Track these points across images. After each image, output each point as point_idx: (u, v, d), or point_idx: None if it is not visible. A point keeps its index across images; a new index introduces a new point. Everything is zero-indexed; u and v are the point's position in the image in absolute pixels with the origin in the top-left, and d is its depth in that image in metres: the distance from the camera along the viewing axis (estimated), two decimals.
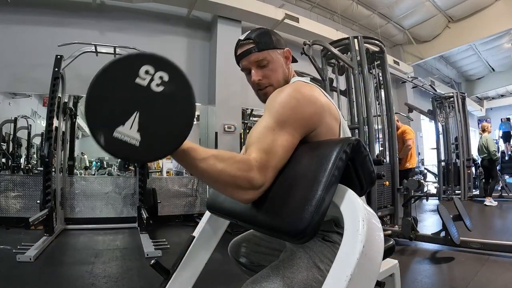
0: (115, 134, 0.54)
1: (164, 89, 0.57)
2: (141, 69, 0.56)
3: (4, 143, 4.47)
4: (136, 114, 0.56)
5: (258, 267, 1.01)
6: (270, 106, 0.81)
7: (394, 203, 3.18)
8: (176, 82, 0.59)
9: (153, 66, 0.57)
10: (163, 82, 0.57)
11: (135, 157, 0.57)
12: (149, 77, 0.57)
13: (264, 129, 0.76)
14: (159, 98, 0.57)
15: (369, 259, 0.58)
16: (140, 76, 0.56)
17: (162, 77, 0.57)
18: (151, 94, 0.57)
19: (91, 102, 0.55)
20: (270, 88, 0.91)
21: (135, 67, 0.57)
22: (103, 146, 0.54)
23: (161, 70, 0.57)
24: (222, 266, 1.76)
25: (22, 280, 2.07)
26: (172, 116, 0.58)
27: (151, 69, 0.57)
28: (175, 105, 0.59)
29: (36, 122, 4.78)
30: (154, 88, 0.57)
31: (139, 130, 0.55)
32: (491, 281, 2.03)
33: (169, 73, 0.58)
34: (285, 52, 0.96)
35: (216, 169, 0.66)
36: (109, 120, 0.55)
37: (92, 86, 0.56)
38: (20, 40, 4.06)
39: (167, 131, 0.58)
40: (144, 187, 3.62)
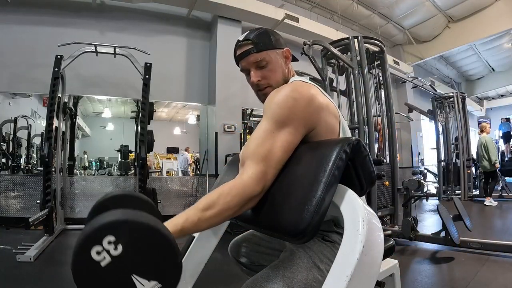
0: None
1: (123, 248, 0.50)
2: (92, 253, 0.49)
3: (4, 143, 4.46)
4: (134, 277, 0.51)
5: (258, 267, 1.01)
6: (268, 108, 0.81)
7: (394, 203, 3.18)
8: (123, 237, 0.50)
9: (94, 243, 0.49)
10: (113, 242, 0.50)
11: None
12: (104, 252, 0.49)
13: (263, 134, 0.77)
14: (129, 256, 0.51)
15: (369, 259, 0.58)
16: (97, 259, 0.49)
17: (109, 241, 0.50)
18: (122, 259, 0.50)
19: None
20: (270, 88, 0.91)
21: (86, 256, 0.49)
22: None
23: (104, 237, 0.49)
24: (222, 266, 1.76)
25: (22, 280, 2.07)
26: (154, 257, 0.53)
27: (98, 248, 0.49)
28: (146, 251, 0.52)
29: (36, 122, 4.78)
30: (115, 253, 0.50)
31: (150, 279, 0.52)
32: (491, 281, 2.03)
33: (114, 235, 0.50)
34: (285, 52, 0.95)
35: (216, 215, 0.68)
36: None
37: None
38: (20, 40, 4.06)
39: (165, 265, 0.55)
40: (144, 187, 3.62)
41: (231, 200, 0.69)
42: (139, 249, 0.51)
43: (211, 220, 0.68)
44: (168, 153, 7.20)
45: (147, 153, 3.79)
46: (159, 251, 0.53)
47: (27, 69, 4.01)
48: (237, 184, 0.71)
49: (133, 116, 5.62)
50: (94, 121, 7.00)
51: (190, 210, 0.69)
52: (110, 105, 6.51)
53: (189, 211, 0.69)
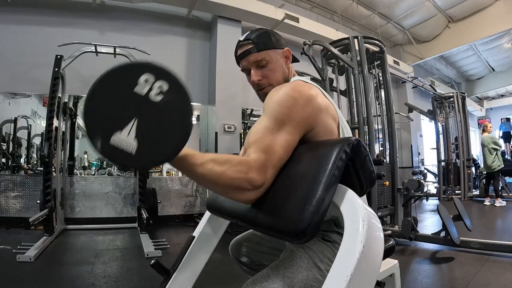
0: (112, 141, 0.55)
1: (162, 99, 0.58)
2: (141, 78, 0.57)
3: (4, 143, 4.47)
4: (134, 122, 0.56)
5: (259, 266, 1.02)
6: (267, 105, 0.81)
7: (394, 203, 3.18)
8: (175, 92, 0.59)
9: (153, 75, 0.58)
10: (162, 92, 0.58)
11: (131, 163, 0.57)
12: (148, 86, 0.57)
13: (262, 129, 0.76)
14: (157, 107, 0.58)
15: (369, 259, 0.58)
16: (139, 85, 0.57)
17: (161, 87, 0.58)
18: (149, 103, 0.57)
19: (89, 108, 0.56)
20: (270, 88, 0.91)
21: (134, 75, 0.57)
22: (99, 151, 0.55)
23: (161, 79, 0.58)
24: (222, 266, 1.76)
25: (22, 280, 2.07)
26: (170, 126, 0.58)
27: (151, 78, 0.57)
28: (173, 114, 0.59)
29: (36, 122, 4.78)
30: (153, 97, 0.57)
31: (136, 137, 0.56)
32: (491, 281, 2.03)
33: (169, 83, 0.59)
34: (285, 52, 0.96)
35: (215, 172, 0.66)
36: (106, 126, 0.55)
37: (91, 92, 0.56)
38: (20, 40, 4.05)
39: (164, 140, 0.58)
40: (144, 187, 3.62)
41: (234, 172, 0.67)
42: (172, 109, 0.59)
43: (207, 174, 0.66)
44: None
45: None
46: (184, 115, 0.60)
47: (27, 69, 4.01)
48: (244, 162, 0.69)
49: None
50: None
51: (201, 153, 0.68)
52: None
53: (199, 153, 0.68)
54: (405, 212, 2.86)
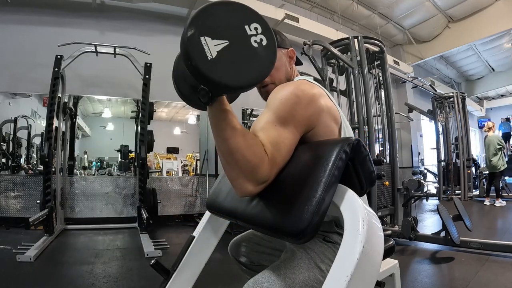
0: (201, 38, 0.60)
1: (257, 48, 0.65)
2: (253, 24, 0.65)
3: (4, 143, 4.47)
4: (226, 43, 0.62)
5: (258, 267, 1.02)
6: (271, 102, 0.81)
7: (394, 203, 3.18)
8: (267, 49, 0.66)
9: (262, 29, 0.66)
10: (260, 43, 0.65)
11: (202, 65, 0.60)
12: (254, 32, 0.65)
13: (266, 124, 0.75)
14: (249, 48, 0.64)
15: (369, 259, 0.58)
16: (249, 26, 0.65)
17: (262, 40, 0.65)
18: (246, 42, 0.64)
19: (207, 9, 0.62)
20: (272, 86, 0.91)
21: (251, 18, 0.66)
22: (186, 37, 0.59)
23: (265, 35, 0.66)
24: (222, 266, 1.76)
25: (22, 280, 2.07)
26: (247, 66, 0.64)
27: (259, 29, 0.65)
28: (256, 62, 0.65)
29: (36, 122, 4.78)
30: (252, 41, 0.64)
31: (219, 52, 0.61)
32: (491, 281, 2.03)
33: (268, 41, 0.66)
34: (289, 52, 0.96)
35: (238, 142, 0.67)
36: (207, 27, 0.61)
37: (214, 3, 0.63)
38: (20, 40, 4.06)
39: (237, 71, 0.63)
40: (144, 187, 3.62)
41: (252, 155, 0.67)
42: (263, 53, 0.65)
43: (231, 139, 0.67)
44: (168, 153, 7.21)
45: (147, 153, 3.79)
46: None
47: (27, 69, 4.01)
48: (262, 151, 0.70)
49: (133, 116, 5.63)
50: (94, 121, 7.01)
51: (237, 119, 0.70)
52: (110, 105, 6.51)
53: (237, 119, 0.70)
54: (405, 212, 2.86)
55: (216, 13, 0.63)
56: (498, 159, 5.17)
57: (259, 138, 0.72)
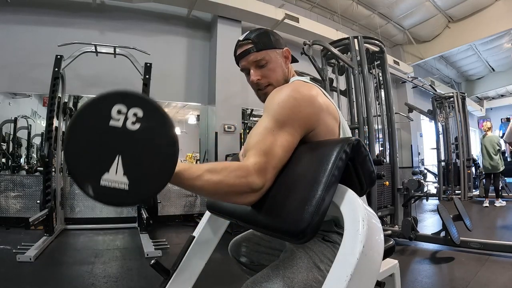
0: (102, 183, 0.52)
1: (141, 126, 0.55)
2: (113, 110, 0.54)
3: (4, 143, 4.46)
4: (119, 158, 0.53)
5: (258, 267, 1.02)
6: (268, 106, 0.81)
7: (394, 203, 3.18)
8: (152, 115, 0.56)
9: (123, 104, 0.55)
10: (138, 119, 0.55)
11: (128, 201, 0.54)
12: (122, 117, 0.54)
13: (263, 131, 0.76)
14: (138, 136, 0.55)
15: (369, 259, 0.58)
16: (113, 118, 0.54)
17: (136, 114, 0.55)
18: (129, 134, 0.55)
19: (70, 155, 0.53)
20: (270, 87, 0.92)
21: (105, 109, 0.54)
22: (93, 197, 0.52)
23: (134, 106, 0.55)
24: (222, 266, 1.76)
25: (22, 280, 2.07)
26: (156, 150, 0.56)
27: (123, 108, 0.55)
28: (156, 139, 0.57)
29: (36, 122, 4.78)
30: (130, 127, 0.55)
31: (125, 173, 0.53)
32: (491, 281, 2.03)
33: (143, 108, 0.56)
34: (284, 52, 0.96)
35: (213, 182, 0.66)
36: (92, 169, 0.53)
37: (68, 138, 0.54)
38: (20, 40, 4.05)
39: (155, 166, 0.56)
40: None
41: (233, 178, 0.67)
42: (151, 136, 0.56)
43: (205, 185, 0.66)
44: None
45: None
46: (167, 146, 0.58)
47: (27, 69, 4.00)
48: (242, 167, 0.69)
49: None
50: None
51: (196, 165, 0.68)
52: None
53: (194, 165, 0.67)
54: (405, 212, 2.86)
55: (80, 143, 0.54)
56: (498, 159, 5.18)
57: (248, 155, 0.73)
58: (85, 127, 0.54)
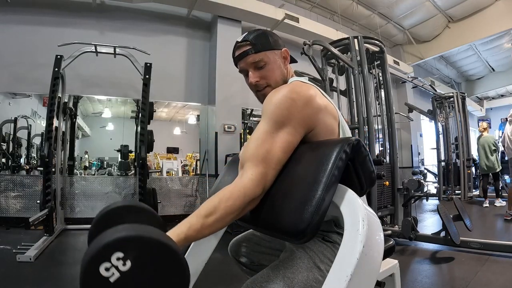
0: None
1: (131, 267, 0.49)
2: (112, 261, 0.49)
3: (4, 143, 4.47)
4: None
5: (258, 267, 1.02)
6: (266, 108, 0.81)
7: (394, 203, 3.18)
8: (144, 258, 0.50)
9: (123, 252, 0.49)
10: (125, 264, 0.49)
11: None
12: (110, 273, 0.49)
13: (262, 135, 0.77)
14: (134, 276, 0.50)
15: (369, 259, 0.58)
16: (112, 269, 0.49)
17: (122, 262, 0.49)
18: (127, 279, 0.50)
19: None
20: (268, 88, 0.91)
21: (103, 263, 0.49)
22: None
23: (121, 252, 0.49)
24: (222, 266, 1.76)
25: (22, 280, 2.07)
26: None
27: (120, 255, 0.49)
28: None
29: (36, 122, 4.78)
30: (122, 269, 0.49)
31: None
32: (491, 281, 2.03)
33: (131, 257, 0.50)
34: (283, 52, 0.96)
35: (217, 219, 0.68)
36: None
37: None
38: (20, 40, 4.05)
39: None
40: (144, 187, 3.62)
41: (233, 204, 0.69)
42: (148, 264, 0.50)
43: (214, 226, 0.68)
44: (168, 153, 7.20)
45: (147, 153, 3.79)
46: (168, 266, 0.52)
47: (27, 69, 4.01)
48: (237, 187, 0.71)
49: (133, 116, 5.62)
50: (94, 121, 6.99)
51: (192, 217, 0.68)
52: (110, 105, 6.51)
53: (191, 219, 0.68)
54: (405, 212, 2.86)
55: None
56: (495, 159, 5.19)
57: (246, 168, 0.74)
58: None
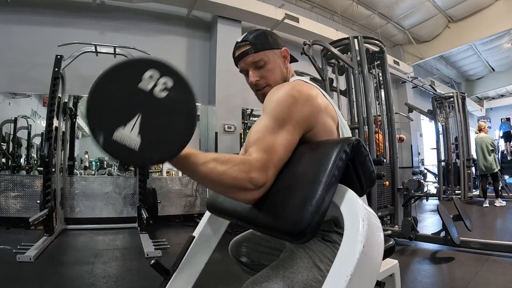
0: (115, 136, 0.54)
1: (167, 95, 0.58)
2: (146, 74, 0.57)
3: (4, 143, 4.46)
4: (138, 117, 0.55)
5: (258, 266, 1.02)
6: (267, 105, 0.81)
7: (394, 203, 3.18)
8: (180, 89, 0.59)
9: (158, 71, 0.57)
10: (167, 88, 0.58)
11: (133, 160, 0.56)
12: (153, 82, 0.57)
13: (263, 129, 0.76)
14: (162, 104, 0.57)
15: (369, 259, 0.58)
16: (144, 80, 0.57)
17: (166, 83, 0.58)
18: (154, 99, 0.57)
19: (92, 102, 0.55)
20: (268, 88, 0.92)
21: (139, 71, 0.57)
22: (101, 147, 0.53)
23: (166, 76, 0.58)
24: (222, 266, 1.76)
25: (22, 280, 2.07)
26: (174, 122, 0.58)
27: (155, 74, 0.57)
28: (177, 111, 0.59)
29: (36, 122, 4.77)
30: (157, 93, 0.57)
31: (140, 133, 0.55)
32: (491, 281, 2.03)
33: (174, 80, 0.58)
34: (283, 52, 0.96)
35: (217, 172, 0.66)
36: (109, 121, 0.55)
37: (94, 87, 0.55)
38: (20, 40, 4.05)
39: (168, 137, 0.58)
40: (144, 187, 3.62)
41: (236, 172, 0.67)
42: (177, 102, 0.59)
43: (209, 173, 0.66)
44: None
45: None
46: (185, 97, 0.60)
47: (27, 69, 4.01)
48: (246, 162, 0.69)
49: None
50: None
51: (203, 152, 0.68)
52: None
53: (201, 152, 0.68)
54: (405, 212, 2.86)
55: (105, 95, 0.56)
56: (493, 160, 5.19)
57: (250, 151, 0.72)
58: (115, 80, 0.57)
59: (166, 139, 0.57)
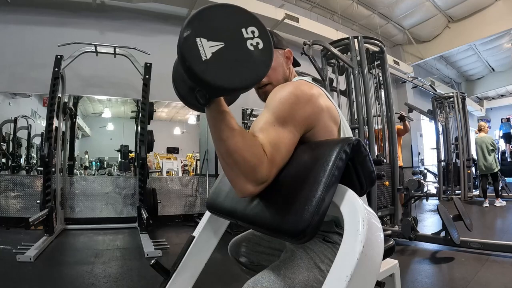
0: (197, 39, 0.60)
1: (253, 51, 0.65)
2: (250, 27, 0.65)
3: (4, 143, 4.46)
4: (221, 45, 0.62)
5: (258, 267, 1.02)
6: (270, 102, 0.81)
7: (394, 203, 3.18)
8: (264, 52, 0.66)
9: (259, 32, 0.66)
10: (256, 47, 0.65)
11: (196, 66, 0.60)
12: (250, 36, 0.65)
13: (265, 125, 0.75)
14: (244, 52, 0.64)
15: (369, 259, 0.58)
16: (246, 29, 0.65)
17: (258, 43, 0.65)
18: (242, 44, 0.64)
19: (204, 11, 0.63)
20: (270, 86, 0.92)
21: (248, 21, 0.66)
22: (183, 38, 0.60)
23: (261, 39, 0.66)
24: (222, 266, 1.76)
25: (22, 280, 2.07)
26: (240, 69, 0.64)
27: (256, 33, 0.66)
28: (247, 65, 0.65)
29: (36, 122, 4.78)
30: (247, 43, 0.65)
31: (214, 54, 0.61)
32: (491, 281, 2.03)
33: (265, 45, 0.66)
34: (286, 53, 0.97)
35: (236, 143, 0.67)
36: (203, 29, 0.62)
37: (212, 6, 0.64)
38: (20, 40, 4.06)
39: (232, 71, 0.63)
40: (144, 187, 3.62)
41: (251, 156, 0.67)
42: (259, 57, 0.65)
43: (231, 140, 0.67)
44: (168, 153, 7.20)
45: (147, 153, 3.79)
46: None
47: (27, 69, 4.01)
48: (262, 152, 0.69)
49: (133, 116, 5.62)
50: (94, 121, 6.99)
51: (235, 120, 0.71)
52: (110, 105, 6.50)
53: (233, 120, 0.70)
54: (405, 212, 2.86)
55: (214, 15, 0.64)
56: (493, 160, 5.18)
57: (259, 139, 0.71)
58: (232, 13, 0.66)
59: (229, 72, 0.63)
